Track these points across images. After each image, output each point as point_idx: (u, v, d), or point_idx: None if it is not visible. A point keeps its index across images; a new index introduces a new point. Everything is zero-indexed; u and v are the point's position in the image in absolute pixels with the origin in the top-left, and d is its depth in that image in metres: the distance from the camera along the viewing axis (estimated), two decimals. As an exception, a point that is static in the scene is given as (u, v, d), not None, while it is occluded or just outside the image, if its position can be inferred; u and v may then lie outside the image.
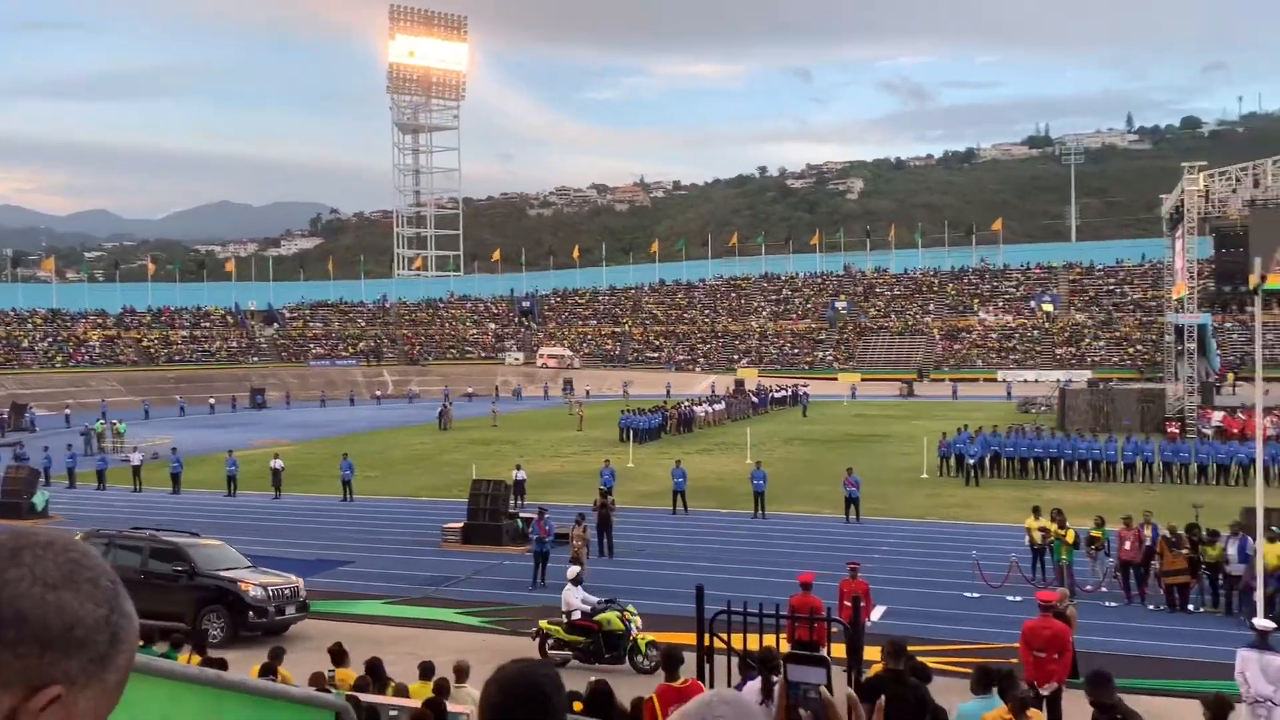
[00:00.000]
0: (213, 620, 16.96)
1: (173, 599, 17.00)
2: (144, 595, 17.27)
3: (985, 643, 15.79)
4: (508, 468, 32.11)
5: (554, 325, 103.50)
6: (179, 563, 17.62)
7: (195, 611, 16.96)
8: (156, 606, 16.83)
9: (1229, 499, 25.68)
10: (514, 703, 2.29)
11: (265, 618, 16.99)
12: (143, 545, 18.15)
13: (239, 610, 16.93)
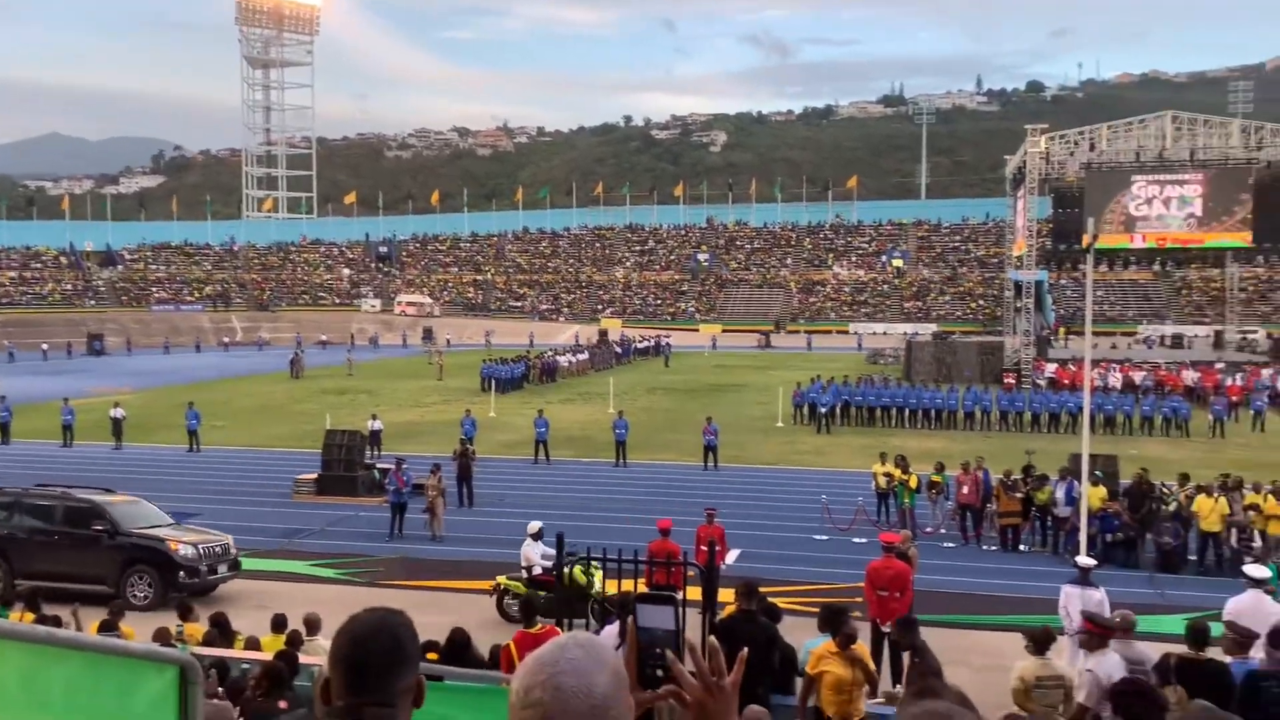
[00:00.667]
0: (138, 581, 15.98)
1: (92, 561, 15.99)
2: (59, 558, 16.11)
3: (832, 583, 16.46)
4: (363, 418, 31.46)
5: (413, 272, 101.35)
6: (98, 522, 16.43)
7: (119, 573, 15.95)
8: (74, 569, 15.91)
9: (1059, 445, 27.36)
10: (369, 650, 2.25)
11: (197, 577, 16.04)
12: (54, 505, 16.88)
13: (169, 570, 15.94)
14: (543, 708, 1.74)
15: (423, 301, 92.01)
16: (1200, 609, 12.76)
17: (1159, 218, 48.63)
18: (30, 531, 16.57)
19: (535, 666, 1.79)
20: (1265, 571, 11.81)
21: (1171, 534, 18.19)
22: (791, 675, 8.98)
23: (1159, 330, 70.38)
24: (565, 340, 71.96)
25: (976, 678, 12.31)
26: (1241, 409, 37.07)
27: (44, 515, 16.75)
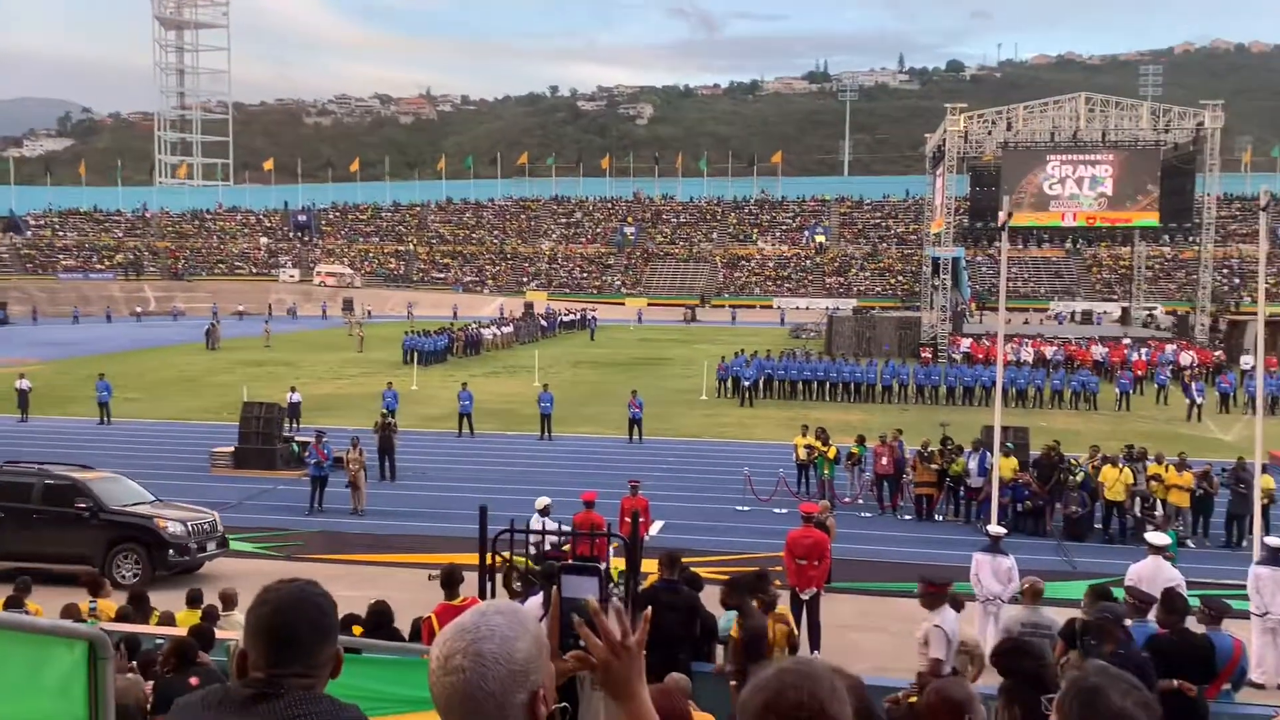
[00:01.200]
0: (125, 561, 15.41)
1: (76, 540, 15.37)
2: (39, 538, 15.38)
3: (753, 553, 16.72)
4: (282, 390, 30.87)
5: (332, 241, 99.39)
6: (80, 499, 15.80)
7: (104, 552, 15.33)
8: (57, 549, 15.23)
9: (972, 418, 28.09)
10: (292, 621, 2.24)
11: (187, 555, 15.58)
12: (31, 482, 16.13)
13: (158, 549, 15.40)
14: (464, 674, 1.76)
15: (343, 272, 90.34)
16: (1105, 575, 13.28)
17: (1071, 197, 49.99)
18: (6, 511, 15.84)
19: (456, 634, 1.80)
20: (1165, 539, 12.33)
21: (1078, 503, 18.87)
22: (712, 643, 9.13)
23: (1070, 307, 72.54)
24: (490, 313, 71.41)
25: (893, 642, 12.67)
26: (1146, 383, 38.48)
27: (20, 494, 15.99)
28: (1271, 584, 12.08)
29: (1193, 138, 49.10)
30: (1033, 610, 9.41)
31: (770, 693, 1.73)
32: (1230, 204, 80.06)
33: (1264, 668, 11.98)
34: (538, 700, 1.81)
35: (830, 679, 1.76)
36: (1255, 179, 79.98)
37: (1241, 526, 17.89)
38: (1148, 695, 2.25)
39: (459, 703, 1.77)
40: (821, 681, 1.74)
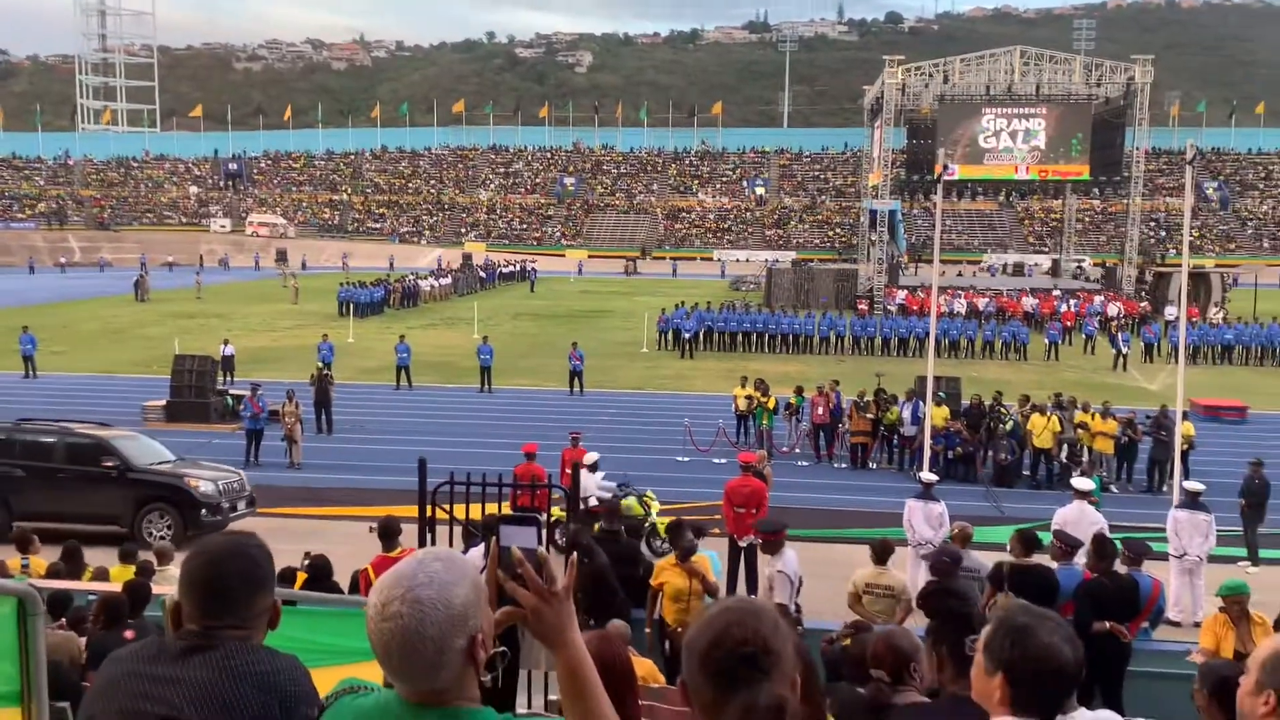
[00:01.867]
0: (156, 521, 14.94)
1: (104, 500, 14.88)
2: (66, 498, 14.85)
3: (693, 502, 16.91)
4: (215, 342, 30.27)
5: (265, 191, 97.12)
6: (107, 458, 15.27)
7: (134, 512, 14.88)
8: (83, 509, 14.72)
9: (907, 368, 28.57)
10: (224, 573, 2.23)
11: (219, 515, 15.13)
12: (55, 441, 15.57)
13: (190, 509, 14.97)
14: (401, 620, 1.77)
15: (276, 222, 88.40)
16: (1032, 520, 13.67)
17: (1005, 150, 50.64)
18: (29, 470, 15.31)
19: (393, 581, 1.81)
20: (1089, 484, 12.75)
21: (1007, 450, 19.36)
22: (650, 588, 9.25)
23: (1002, 259, 73.77)
24: (427, 264, 70.53)
25: (830, 587, 12.95)
26: (1074, 333, 39.44)
27: (43, 452, 15.48)
28: (1189, 526, 12.57)
29: (1123, 92, 49.91)
30: (962, 554, 9.67)
31: (716, 630, 1.79)
32: (1158, 158, 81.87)
33: (1180, 606, 12.49)
34: (476, 645, 1.83)
35: (773, 616, 1.82)
36: (1182, 133, 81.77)
37: (1163, 472, 18.52)
38: (1072, 631, 2.35)
39: (397, 648, 1.78)
40: (765, 618, 1.80)
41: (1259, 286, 48.71)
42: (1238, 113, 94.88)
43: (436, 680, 1.80)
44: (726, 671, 1.74)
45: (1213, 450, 20.05)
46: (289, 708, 2.16)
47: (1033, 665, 2.31)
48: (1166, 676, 8.00)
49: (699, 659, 1.78)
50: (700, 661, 1.78)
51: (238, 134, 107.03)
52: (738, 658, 1.74)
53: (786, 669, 1.76)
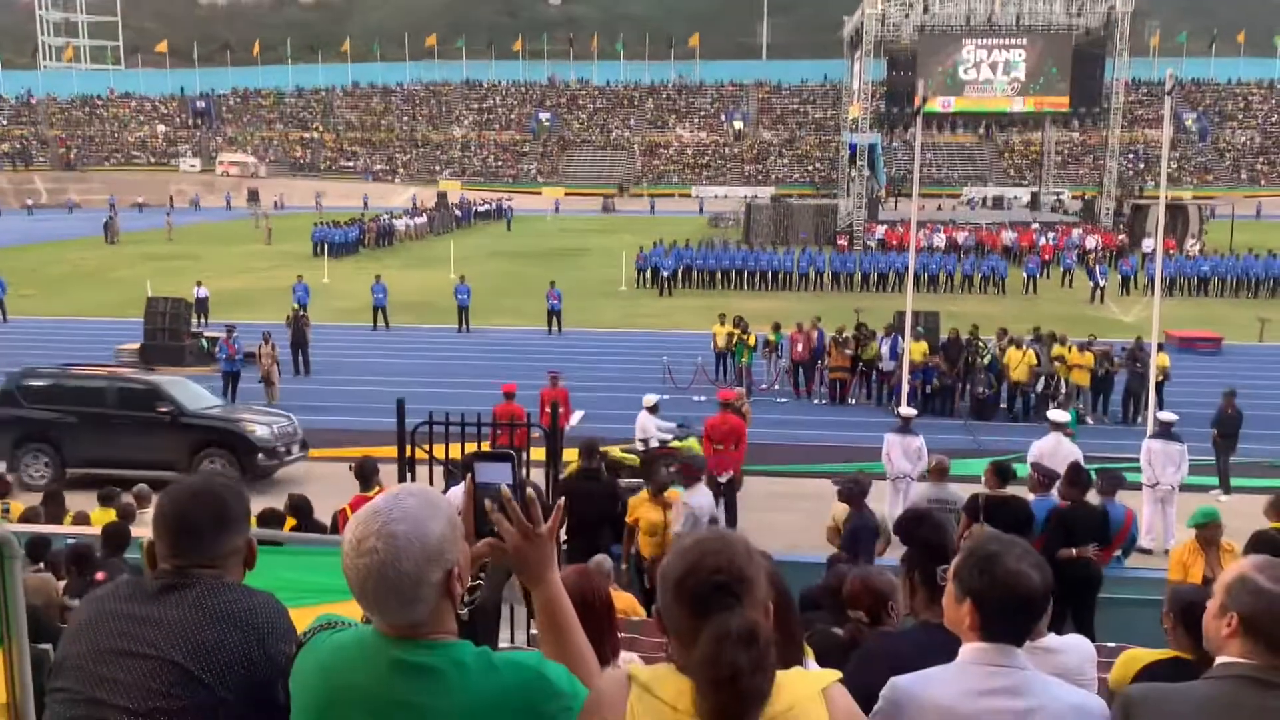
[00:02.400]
0: (212, 465, 14.78)
1: (159, 445, 14.63)
2: (119, 444, 14.58)
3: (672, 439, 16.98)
4: (188, 284, 29.95)
5: (234, 129, 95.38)
6: (160, 403, 15.04)
7: (189, 457, 14.68)
8: (137, 455, 14.41)
9: (886, 304, 28.63)
10: (190, 512, 2.22)
11: (274, 459, 15.03)
12: (106, 386, 15.32)
13: (247, 453, 14.80)
14: (377, 555, 1.77)
15: (246, 161, 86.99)
16: (1009, 452, 13.82)
17: (986, 82, 50.25)
18: (80, 416, 15.07)
19: (369, 516, 1.80)
20: (1065, 416, 12.88)
21: (985, 384, 19.52)
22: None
23: (981, 192, 73.66)
24: (402, 203, 69.76)
25: (807, 520, 13.12)
26: (1053, 267, 39.58)
27: (94, 398, 15.22)
28: (1162, 456, 12.75)
29: (1104, 22, 49.47)
30: (939, 486, 9.80)
31: (690, 560, 1.81)
32: (1138, 89, 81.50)
33: (1153, 534, 12.73)
34: (453, 578, 1.83)
35: (746, 545, 1.84)
36: (1163, 64, 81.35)
37: (1138, 403, 18.73)
38: (1040, 558, 2.38)
39: (373, 584, 1.78)
40: (738, 548, 1.82)
41: (1236, 218, 48.94)
42: (1218, 42, 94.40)
43: (413, 614, 1.81)
44: (701, 599, 1.76)
45: (1187, 381, 20.27)
46: (266, 644, 2.16)
47: (999, 591, 2.35)
48: (1138, 602, 8.16)
49: (674, 588, 1.80)
50: (675, 591, 1.80)
51: (205, 71, 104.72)
52: (711, 585, 1.76)
53: (759, 596, 1.79)
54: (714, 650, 1.67)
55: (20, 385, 15.62)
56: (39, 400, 15.37)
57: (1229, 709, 2.29)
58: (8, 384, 15.76)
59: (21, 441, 15.01)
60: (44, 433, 15.09)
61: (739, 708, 1.65)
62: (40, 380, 15.78)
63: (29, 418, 15.15)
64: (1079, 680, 3.35)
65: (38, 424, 15.11)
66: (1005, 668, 2.37)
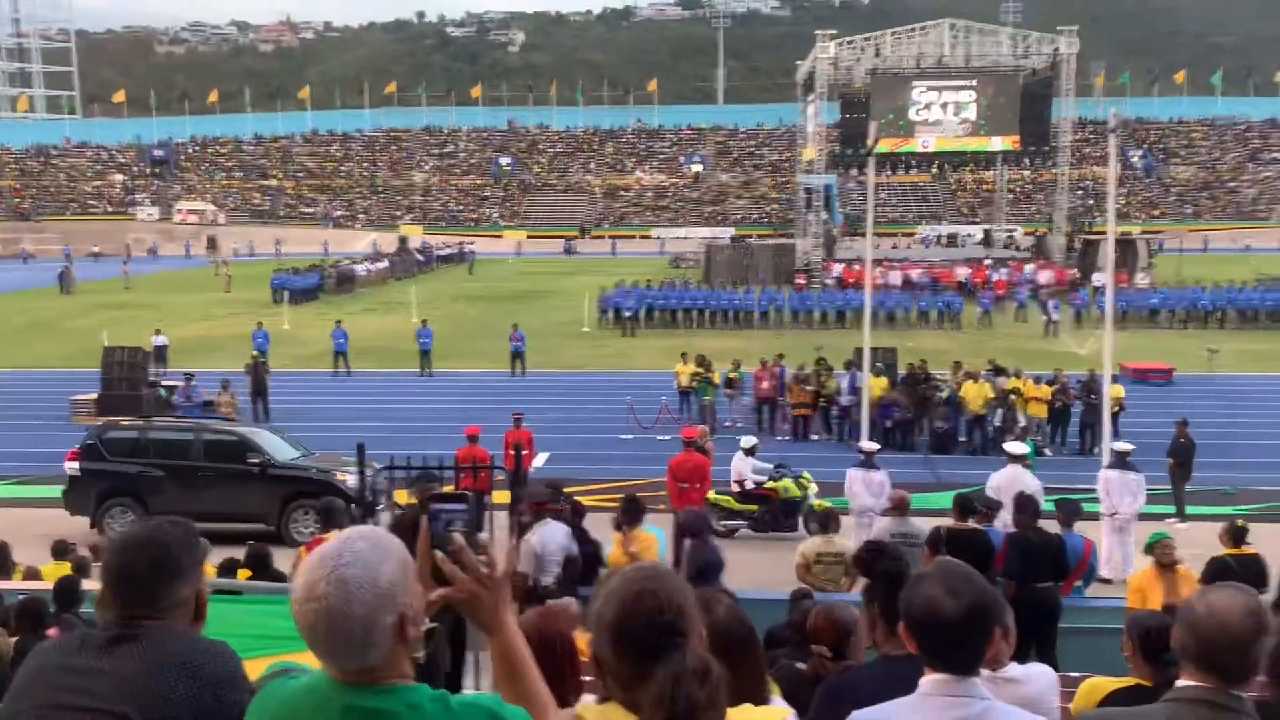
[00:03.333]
0: (301, 518, 14.49)
1: (249, 497, 14.42)
2: (207, 496, 14.24)
3: (638, 479, 16.95)
4: (145, 333, 29.59)
5: (193, 177, 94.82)
6: (251, 454, 14.84)
7: (279, 509, 14.41)
8: (226, 507, 14.17)
9: (845, 340, 28.84)
10: (133, 562, 2.19)
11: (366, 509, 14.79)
12: (193, 438, 15.03)
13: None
14: (327, 600, 1.75)
15: (205, 209, 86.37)
16: (968, 485, 13.94)
17: (937, 122, 51.23)
18: (167, 469, 14.82)
19: (318, 561, 1.79)
20: (1023, 448, 13.04)
21: (944, 418, 19.72)
22: (598, 568, 9.28)
23: (935, 230, 74.73)
24: (362, 248, 69.50)
25: (774, 556, 13.12)
26: (1006, 301, 40.19)
27: (181, 450, 14.97)
28: (1119, 486, 12.93)
29: (1050, 63, 50.73)
30: (901, 521, 9.86)
31: (625, 601, 1.76)
32: (1085, 128, 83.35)
33: (1112, 564, 12.86)
34: (406, 622, 1.82)
35: (673, 574, 1.81)
36: (1108, 103, 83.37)
37: (1094, 434, 18.99)
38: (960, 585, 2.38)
39: (324, 629, 1.76)
40: (670, 580, 1.79)
41: (1183, 251, 50.06)
42: (1160, 82, 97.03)
43: (366, 659, 1.79)
44: (645, 643, 1.71)
45: (1141, 411, 20.61)
46: (219, 694, 2.13)
47: (918, 616, 2.38)
48: (1100, 631, 8.23)
49: (611, 634, 1.75)
50: (613, 636, 1.75)
51: (162, 119, 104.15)
52: (657, 629, 1.71)
53: (697, 626, 1.77)
54: (670, 689, 1.66)
55: (104, 438, 15.38)
56: (123, 453, 15.14)
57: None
58: (90, 437, 15.51)
59: (107, 495, 14.76)
60: (129, 487, 14.85)
61: None
62: (124, 433, 15.55)
63: (114, 471, 14.93)
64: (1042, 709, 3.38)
65: (123, 478, 14.89)
66: (964, 698, 2.38)
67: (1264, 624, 2.32)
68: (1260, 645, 2.32)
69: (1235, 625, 2.30)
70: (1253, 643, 2.31)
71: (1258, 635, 2.31)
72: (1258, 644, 2.32)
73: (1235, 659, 2.31)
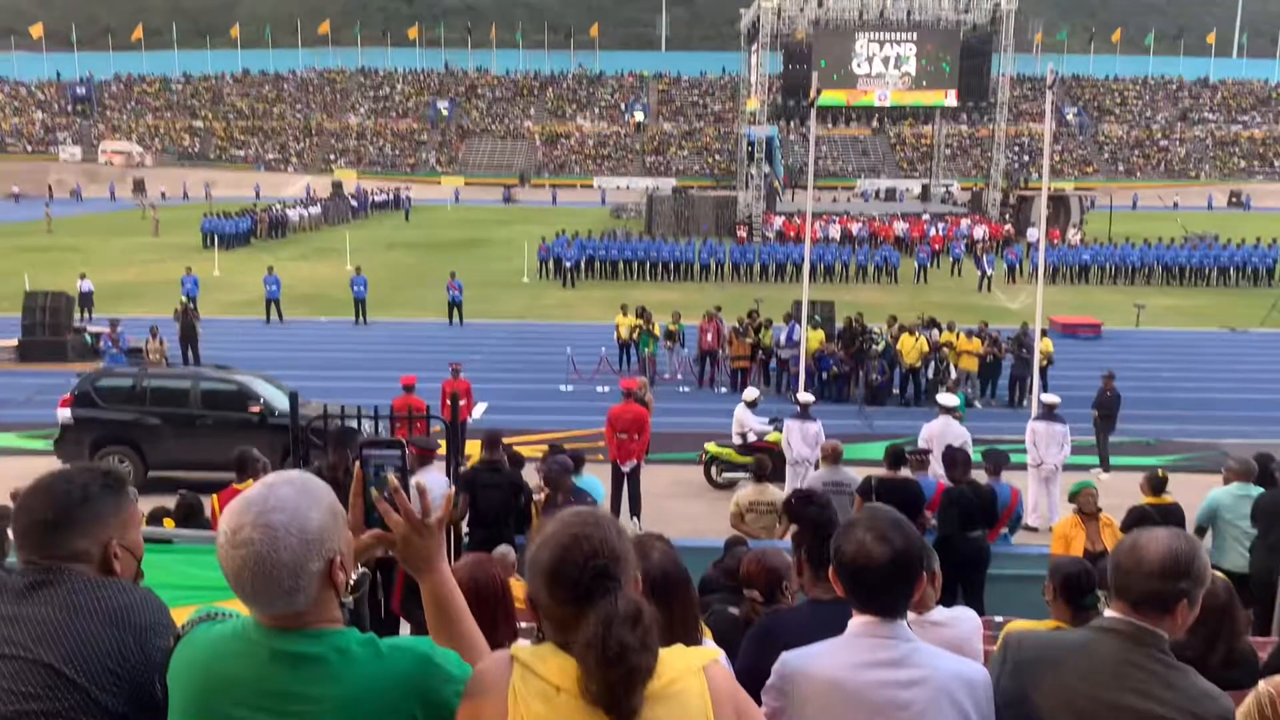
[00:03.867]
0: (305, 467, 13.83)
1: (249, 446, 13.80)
2: (206, 446, 13.57)
3: (577, 430, 17.00)
4: (69, 278, 28.71)
5: (117, 116, 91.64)
6: (252, 403, 14.35)
7: (281, 457, 13.74)
8: (225, 457, 13.65)
9: (784, 294, 29.07)
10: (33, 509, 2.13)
11: None
12: (190, 387, 14.43)
13: None
14: (253, 546, 1.73)
15: (131, 150, 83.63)
16: (901, 436, 14.21)
17: (878, 75, 51.33)
18: (164, 418, 14.26)
19: (243, 507, 1.76)
20: (954, 400, 13.28)
21: (879, 370, 20.02)
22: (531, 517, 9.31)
23: (875, 184, 75.32)
24: (295, 193, 68.00)
25: (712, 506, 13.31)
26: (943, 256, 40.74)
27: (178, 398, 14.43)
28: (1045, 437, 13.27)
29: (990, 19, 51.00)
30: (834, 470, 10.01)
31: (561, 544, 1.77)
32: (1023, 84, 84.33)
33: (1038, 512, 13.24)
34: (335, 567, 1.81)
35: (611, 519, 1.82)
36: (1045, 60, 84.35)
37: (1023, 387, 19.44)
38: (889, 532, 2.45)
39: (250, 575, 1.74)
40: (606, 524, 1.80)
41: (1114, 209, 51.09)
42: (1096, 40, 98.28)
43: (294, 604, 1.77)
44: (579, 586, 1.73)
45: (1069, 365, 21.12)
46: (144, 642, 2.10)
47: (848, 560, 2.44)
48: (1024, 578, 8.48)
49: (546, 577, 1.76)
50: (548, 580, 1.76)
51: (85, 55, 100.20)
52: (590, 572, 1.73)
53: (632, 570, 1.79)
54: (603, 632, 1.68)
55: (97, 385, 14.85)
56: (118, 400, 14.65)
57: (1091, 654, 2.47)
58: (82, 384, 14.94)
59: (101, 444, 14.31)
60: (125, 435, 14.41)
61: (626, 686, 1.66)
62: (119, 380, 15.05)
63: (108, 419, 14.47)
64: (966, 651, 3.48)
65: (118, 426, 14.44)
66: (890, 640, 2.44)
67: (1183, 566, 2.41)
68: (1177, 586, 2.40)
69: (1152, 562, 2.40)
70: (1167, 580, 2.40)
71: (1174, 575, 2.40)
72: (1174, 583, 2.40)
73: (1150, 595, 2.41)
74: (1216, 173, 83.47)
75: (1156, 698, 2.40)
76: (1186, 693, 2.40)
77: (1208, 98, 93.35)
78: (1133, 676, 2.42)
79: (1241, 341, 27.32)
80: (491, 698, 1.75)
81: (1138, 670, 2.42)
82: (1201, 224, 50.32)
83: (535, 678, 1.73)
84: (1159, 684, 2.40)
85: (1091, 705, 2.43)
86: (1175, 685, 2.41)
